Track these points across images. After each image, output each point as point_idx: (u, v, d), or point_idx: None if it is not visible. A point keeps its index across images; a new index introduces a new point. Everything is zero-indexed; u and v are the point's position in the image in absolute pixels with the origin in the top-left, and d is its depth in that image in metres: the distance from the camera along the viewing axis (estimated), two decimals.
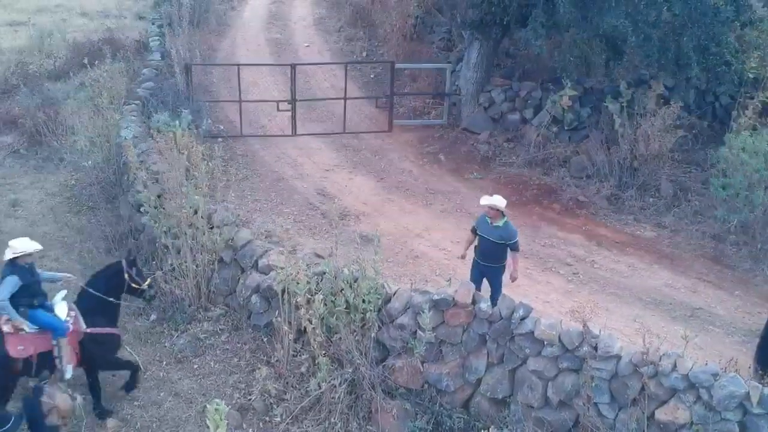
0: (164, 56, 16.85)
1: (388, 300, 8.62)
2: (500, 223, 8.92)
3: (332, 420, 8.43)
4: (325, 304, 8.43)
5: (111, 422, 8.56)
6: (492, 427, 7.28)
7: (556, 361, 7.91)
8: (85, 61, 17.09)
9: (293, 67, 15.06)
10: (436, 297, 8.33)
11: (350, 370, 8.38)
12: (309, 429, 8.44)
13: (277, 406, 8.59)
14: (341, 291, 8.49)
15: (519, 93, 14.83)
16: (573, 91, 13.62)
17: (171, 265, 10.22)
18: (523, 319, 8.03)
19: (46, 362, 8.16)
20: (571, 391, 7.83)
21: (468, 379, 8.42)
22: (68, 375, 8.24)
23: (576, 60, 12.98)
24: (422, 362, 8.49)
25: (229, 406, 8.76)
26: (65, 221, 12.72)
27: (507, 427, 8.16)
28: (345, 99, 15.30)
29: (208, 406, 8.05)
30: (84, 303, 8.57)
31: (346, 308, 8.49)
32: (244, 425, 8.59)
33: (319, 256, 10.97)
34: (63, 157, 14.62)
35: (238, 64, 15.12)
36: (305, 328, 8.47)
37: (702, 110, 14.71)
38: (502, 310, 8.14)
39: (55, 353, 8.12)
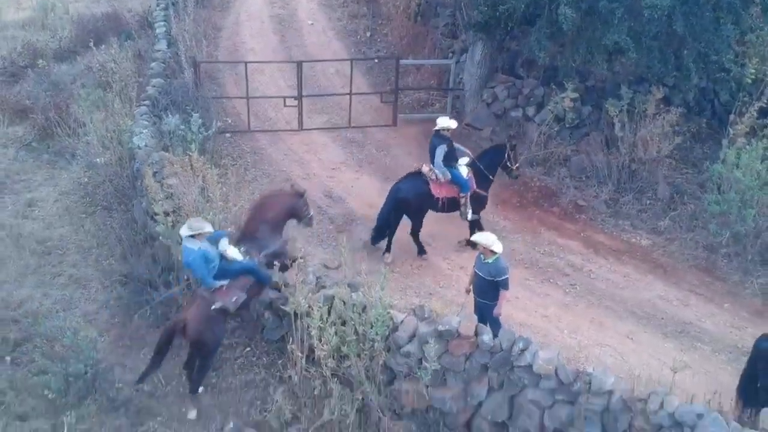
0: (170, 44, 16.96)
1: (395, 329, 9.13)
2: (491, 260, 9.21)
3: None
4: (336, 333, 8.96)
5: None
6: None
7: (552, 393, 8.48)
8: (91, 44, 17.29)
9: (299, 64, 15.25)
10: (441, 328, 8.85)
11: (360, 398, 8.96)
12: None
13: (291, 426, 9.20)
14: (351, 320, 8.99)
15: (522, 90, 15.05)
16: (575, 94, 13.87)
17: (187, 279, 10.70)
18: (522, 350, 8.57)
19: (452, 205, 11.64)
20: (565, 421, 8.42)
21: (470, 403, 9.02)
22: (469, 216, 11.74)
23: (578, 65, 13.18)
24: (427, 387, 9.06)
25: (246, 424, 9.46)
26: (80, 223, 13.15)
27: None
28: (351, 94, 15.53)
29: (226, 425, 8.80)
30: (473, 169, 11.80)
31: (354, 335, 9.03)
32: None
33: (327, 267, 11.52)
34: (75, 152, 14.93)
35: (246, 62, 15.26)
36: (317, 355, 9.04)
37: (701, 107, 14.98)
38: (503, 343, 8.66)
39: (461, 201, 11.62)
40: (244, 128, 15.46)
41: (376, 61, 18.16)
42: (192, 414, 9.52)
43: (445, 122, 11.65)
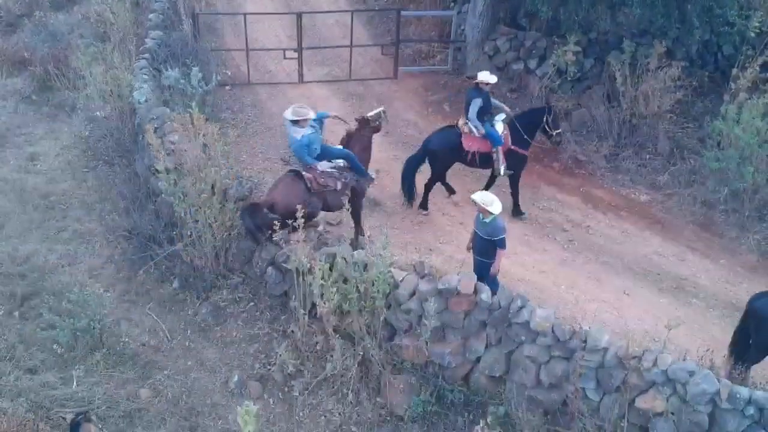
0: None
1: (395, 286, 9.30)
2: (488, 219, 9.20)
3: (344, 391, 9.35)
4: (338, 291, 9.14)
5: (143, 392, 9.46)
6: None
7: (548, 350, 8.70)
8: None
9: (299, 16, 15.08)
10: (440, 286, 9.02)
11: (361, 352, 9.19)
12: (323, 400, 9.37)
13: (295, 380, 9.46)
14: (353, 278, 9.16)
15: (524, 42, 14.93)
16: (577, 47, 13.77)
17: (190, 235, 10.84)
18: (520, 308, 8.76)
19: (484, 160, 11.58)
20: (561, 376, 8.66)
21: (468, 358, 9.25)
22: (502, 172, 11.58)
23: (580, 19, 13.05)
24: (426, 342, 9.27)
25: (250, 377, 9.72)
26: (83, 178, 13.19)
27: (502, 403, 9.07)
28: (351, 47, 15.41)
29: (231, 378, 9.07)
30: (511, 128, 11.69)
31: (356, 292, 9.21)
32: (265, 396, 9.50)
33: (329, 223, 11.64)
34: (75, 105, 14.89)
35: (245, 14, 15.08)
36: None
37: (704, 60, 14.87)
38: (501, 301, 8.85)
39: (494, 157, 11.52)
40: (243, 80, 15.38)
41: (377, 9, 17.95)
42: None
43: (485, 76, 11.55)
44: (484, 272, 9.52)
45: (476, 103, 11.40)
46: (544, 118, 11.56)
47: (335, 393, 9.38)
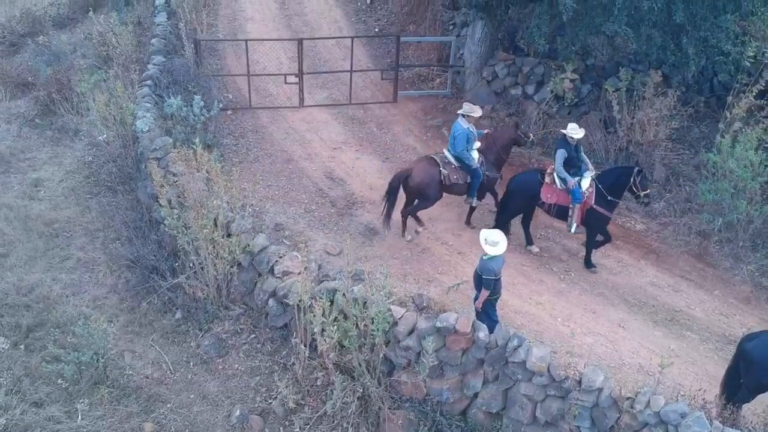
0: (170, 16, 16.92)
1: (394, 324, 9.48)
2: (485, 257, 9.33)
3: (344, 425, 9.52)
4: (338, 328, 9.33)
5: (147, 426, 9.65)
6: None
7: (544, 389, 8.89)
8: (90, 13, 17.31)
9: (300, 42, 15.27)
10: (439, 325, 9.21)
11: (361, 390, 9.38)
12: None
13: (296, 414, 9.65)
14: (353, 316, 9.35)
15: (522, 68, 15.11)
16: (574, 75, 13.96)
17: (192, 267, 11.03)
18: (517, 347, 8.95)
19: (560, 213, 11.44)
20: (556, 414, 8.86)
21: (465, 394, 9.45)
22: (573, 230, 11.50)
23: (577, 48, 13.24)
24: (425, 380, 9.46)
25: (252, 411, 9.91)
26: (86, 204, 13.38)
27: None
28: (351, 71, 15.60)
29: (233, 413, 9.24)
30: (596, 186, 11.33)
31: (356, 328, 9.40)
32: (266, 430, 9.68)
33: (329, 253, 11.81)
34: (78, 129, 15.07)
35: (246, 40, 15.26)
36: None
37: (700, 85, 15.07)
38: (498, 340, 9.04)
39: (570, 212, 11.35)
40: (245, 104, 15.57)
41: (377, 30, 18.14)
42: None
43: (573, 130, 11.24)
44: (484, 306, 9.67)
45: (560, 154, 11.21)
46: (632, 179, 11.05)
47: (335, 428, 9.56)
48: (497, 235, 9.38)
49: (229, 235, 10.91)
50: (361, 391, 9.43)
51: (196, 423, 9.78)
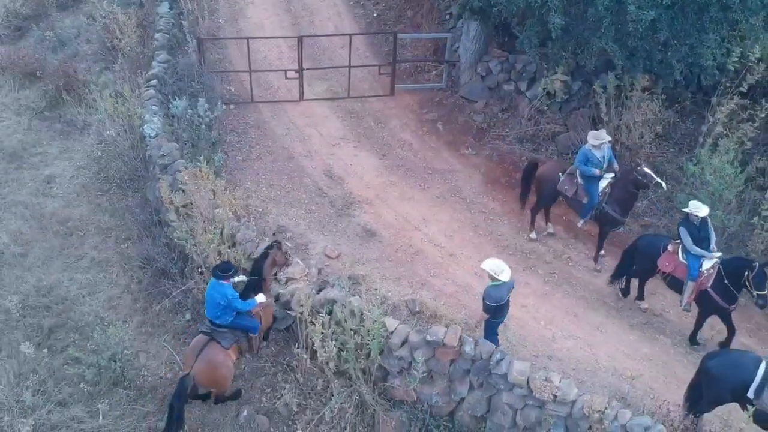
0: (172, 6, 17.25)
1: (389, 336, 10.32)
2: (490, 282, 10.03)
3: (342, 425, 10.47)
4: (336, 340, 10.18)
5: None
6: None
7: (523, 398, 9.80)
8: None
9: (300, 39, 15.69)
10: (429, 338, 10.06)
11: (357, 396, 10.29)
12: None
13: (298, 416, 10.58)
14: (351, 330, 10.18)
15: (515, 65, 15.56)
16: (564, 76, 14.46)
17: (199, 270, 11.80)
18: (499, 361, 9.82)
19: (674, 284, 11.22)
20: (534, 422, 9.78)
21: (453, 399, 10.37)
22: (682, 305, 11.16)
23: (567, 55, 13.73)
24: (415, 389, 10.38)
25: (258, 411, 10.84)
26: (98, 202, 14.07)
27: None
28: (350, 67, 16.06)
29: (240, 413, 10.13)
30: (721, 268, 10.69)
31: (353, 340, 10.25)
32: (272, 429, 10.63)
33: (328, 256, 12.57)
34: (86, 122, 15.62)
35: (248, 38, 15.66)
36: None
37: (687, 81, 15.50)
38: (482, 353, 9.91)
39: (684, 286, 11.00)
40: (246, 97, 16.06)
41: (375, 15, 18.48)
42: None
43: (694, 207, 10.84)
44: (486, 326, 10.41)
45: (684, 234, 10.85)
46: (746, 273, 10.30)
47: (334, 427, 10.50)
48: (500, 265, 9.94)
49: (234, 245, 11.64)
50: (358, 396, 10.33)
51: (207, 423, 10.68)
